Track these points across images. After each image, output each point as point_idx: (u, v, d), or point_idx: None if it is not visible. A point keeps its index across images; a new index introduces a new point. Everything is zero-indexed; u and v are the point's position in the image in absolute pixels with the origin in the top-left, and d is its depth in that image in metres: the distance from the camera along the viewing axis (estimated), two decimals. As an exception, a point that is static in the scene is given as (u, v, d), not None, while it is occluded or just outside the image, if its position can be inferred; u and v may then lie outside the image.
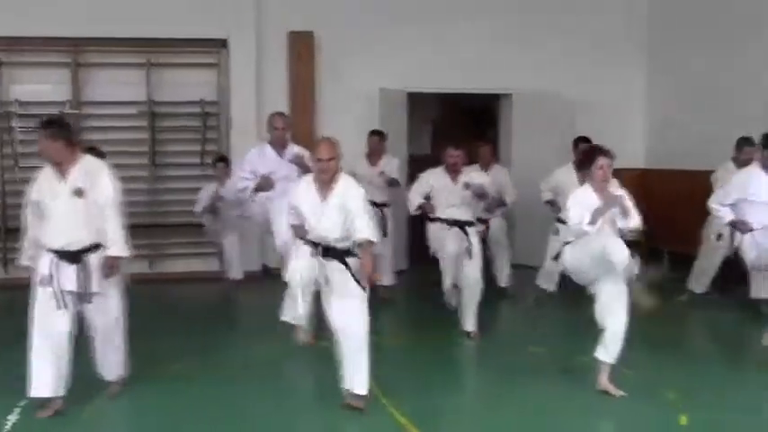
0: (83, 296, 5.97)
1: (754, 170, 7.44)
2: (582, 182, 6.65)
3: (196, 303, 10.45)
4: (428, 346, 8.11)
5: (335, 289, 6.03)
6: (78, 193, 5.92)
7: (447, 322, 8.46)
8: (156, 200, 11.89)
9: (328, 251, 6.07)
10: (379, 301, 6.13)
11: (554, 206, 9.39)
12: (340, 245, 6.06)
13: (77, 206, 5.93)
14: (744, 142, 9.27)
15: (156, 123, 11.78)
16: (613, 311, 6.26)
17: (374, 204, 9.13)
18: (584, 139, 9.55)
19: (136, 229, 8.19)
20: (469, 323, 8.31)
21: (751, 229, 7.25)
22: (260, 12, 11.94)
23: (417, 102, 12.79)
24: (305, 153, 7.83)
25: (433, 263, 8.65)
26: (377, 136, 10.43)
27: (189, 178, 11.63)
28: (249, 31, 11.86)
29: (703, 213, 8.38)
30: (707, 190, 8.75)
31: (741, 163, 9.02)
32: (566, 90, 12.49)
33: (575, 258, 6.37)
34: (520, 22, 12.61)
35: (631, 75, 13.24)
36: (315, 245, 6.14)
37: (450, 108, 15.28)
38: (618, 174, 6.67)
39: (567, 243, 6.48)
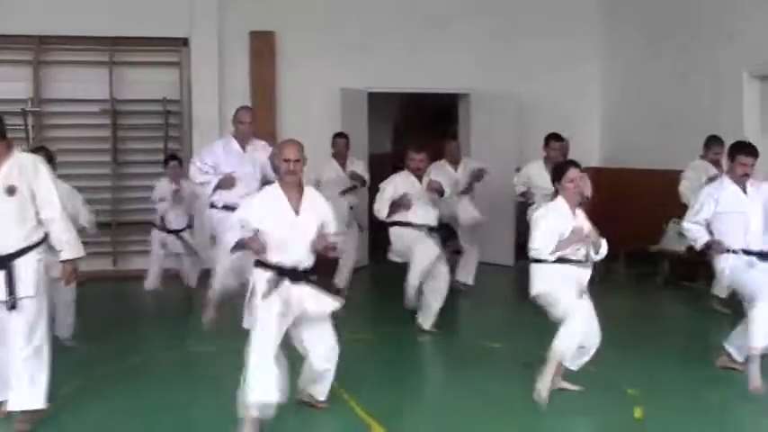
0: (8, 304, 5.42)
1: (723, 180, 7.10)
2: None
3: (157, 301, 10.40)
4: (389, 342, 8.21)
5: (310, 317, 5.62)
6: (10, 191, 5.41)
7: (407, 318, 8.54)
8: (118, 197, 11.89)
9: (294, 275, 5.55)
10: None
11: (525, 196, 9.68)
12: (303, 265, 5.61)
13: (8, 205, 5.43)
14: (713, 141, 9.20)
15: (119, 121, 11.78)
16: (589, 329, 6.23)
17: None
18: (556, 137, 9.58)
19: (98, 227, 8.19)
20: (429, 322, 8.41)
21: (726, 250, 6.75)
22: (221, 11, 11.94)
23: (378, 100, 12.87)
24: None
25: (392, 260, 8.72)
26: (345, 138, 10.45)
27: (151, 176, 11.49)
28: (211, 30, 11.86)
29: (658, 211, 8.36)
30: (661, 188, 8.85)
31: (710, 161, 9.10)
32: (522, 90, 12.65)
33: (544, 291, 6.26)
34: (477, 25, 12.74)
35: (587, 75, 13.42)
36: (276, 269, 5.53)
37: (411, 107, 15.39)
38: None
39: (536, 261, 6.28)
